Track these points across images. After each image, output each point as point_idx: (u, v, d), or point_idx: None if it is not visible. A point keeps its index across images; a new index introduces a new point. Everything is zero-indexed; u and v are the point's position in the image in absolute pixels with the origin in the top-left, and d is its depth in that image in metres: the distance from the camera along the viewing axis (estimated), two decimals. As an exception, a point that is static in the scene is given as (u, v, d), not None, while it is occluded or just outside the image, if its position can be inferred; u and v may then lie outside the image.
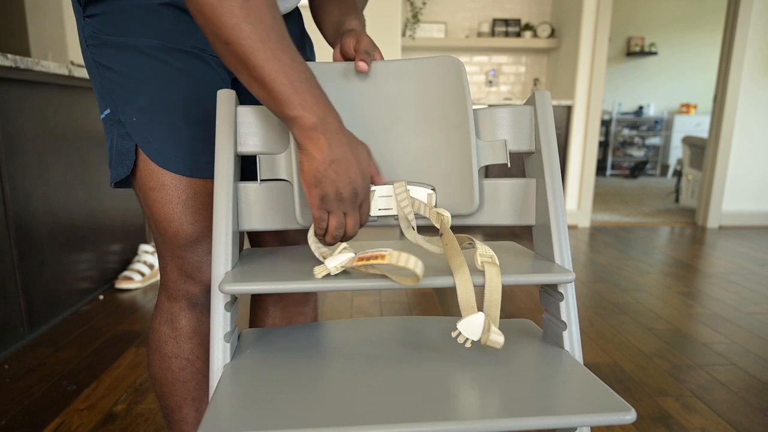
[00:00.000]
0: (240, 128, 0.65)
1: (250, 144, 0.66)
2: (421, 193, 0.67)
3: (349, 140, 0.57)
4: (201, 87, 0.69)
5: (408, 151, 0.69)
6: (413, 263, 0.50)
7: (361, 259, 0.54)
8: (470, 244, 0.61)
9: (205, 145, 0.69)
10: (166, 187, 0.68)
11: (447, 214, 0.63)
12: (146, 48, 0.66)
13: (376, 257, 0.52)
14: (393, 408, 0.49)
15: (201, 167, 0.69)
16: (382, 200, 0.65)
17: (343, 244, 0.58)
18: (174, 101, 0.67)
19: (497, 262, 0.56)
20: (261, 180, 0.65)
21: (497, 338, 0.54)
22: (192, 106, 0.68)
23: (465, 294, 0.53)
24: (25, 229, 1.59)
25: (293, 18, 0.83)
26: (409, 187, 0.66)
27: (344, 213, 0.58)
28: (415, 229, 0.64)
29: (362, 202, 0.59)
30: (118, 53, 0.66)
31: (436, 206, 0.67)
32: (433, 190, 0.68)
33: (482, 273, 0.55)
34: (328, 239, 0.60)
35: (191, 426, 0.80)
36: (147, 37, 0.65)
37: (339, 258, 0.56)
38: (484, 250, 0.57)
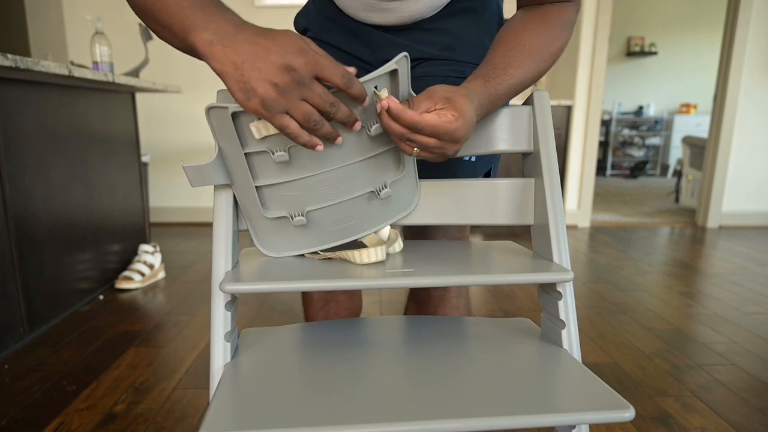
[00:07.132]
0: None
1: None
2: (385, 231, 0.70)
3: (255, 34, 0.50)
4: None
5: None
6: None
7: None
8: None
9: None
10: None
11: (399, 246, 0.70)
12: None
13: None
14: (392, 406, 0.49)
15: None
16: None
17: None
18: None
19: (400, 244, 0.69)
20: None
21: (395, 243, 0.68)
22: None
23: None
24: (25, 229, 1.59)
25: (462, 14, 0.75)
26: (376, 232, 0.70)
27: (302, 98, 0.49)
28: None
29: (318, 73, 0.49)
30: None
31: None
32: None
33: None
34: (316, 133, 0.52)
35: None
36: None
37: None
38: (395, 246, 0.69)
